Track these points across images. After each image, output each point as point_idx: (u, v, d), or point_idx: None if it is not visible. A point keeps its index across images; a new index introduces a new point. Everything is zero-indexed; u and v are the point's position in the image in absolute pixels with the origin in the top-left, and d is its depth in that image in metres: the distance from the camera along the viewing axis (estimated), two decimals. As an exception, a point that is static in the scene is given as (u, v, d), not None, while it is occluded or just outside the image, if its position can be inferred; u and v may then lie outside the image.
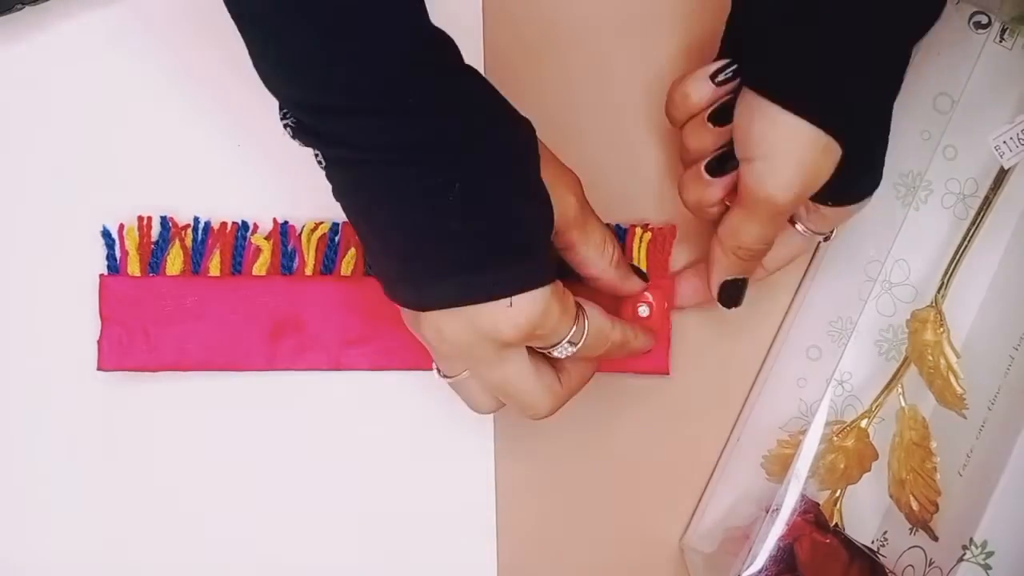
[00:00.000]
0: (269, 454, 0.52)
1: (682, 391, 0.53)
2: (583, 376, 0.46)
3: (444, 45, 0.39)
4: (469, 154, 0.39)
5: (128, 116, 0.51)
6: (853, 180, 0.44)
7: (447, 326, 0.40)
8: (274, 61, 0.38)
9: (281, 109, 0.40)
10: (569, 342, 0.43)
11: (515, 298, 0.40)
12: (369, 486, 0.52)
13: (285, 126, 0.40)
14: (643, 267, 0.51)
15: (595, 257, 0.45)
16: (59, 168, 0.51)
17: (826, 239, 0.48)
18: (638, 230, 0.51)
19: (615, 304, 0.49)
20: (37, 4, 0.50)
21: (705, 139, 0.45)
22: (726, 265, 0.47)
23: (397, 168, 0.38)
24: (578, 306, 0.43)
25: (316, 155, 0.40)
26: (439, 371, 0.45)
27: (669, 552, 0.53)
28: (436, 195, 0.38)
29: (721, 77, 0.44)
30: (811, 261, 0.52)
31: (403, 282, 0.41)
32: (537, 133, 0.42)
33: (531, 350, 0.43)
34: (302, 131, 0.39)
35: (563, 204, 0.42)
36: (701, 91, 0.45)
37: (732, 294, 0.48)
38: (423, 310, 0.41)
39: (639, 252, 0.51)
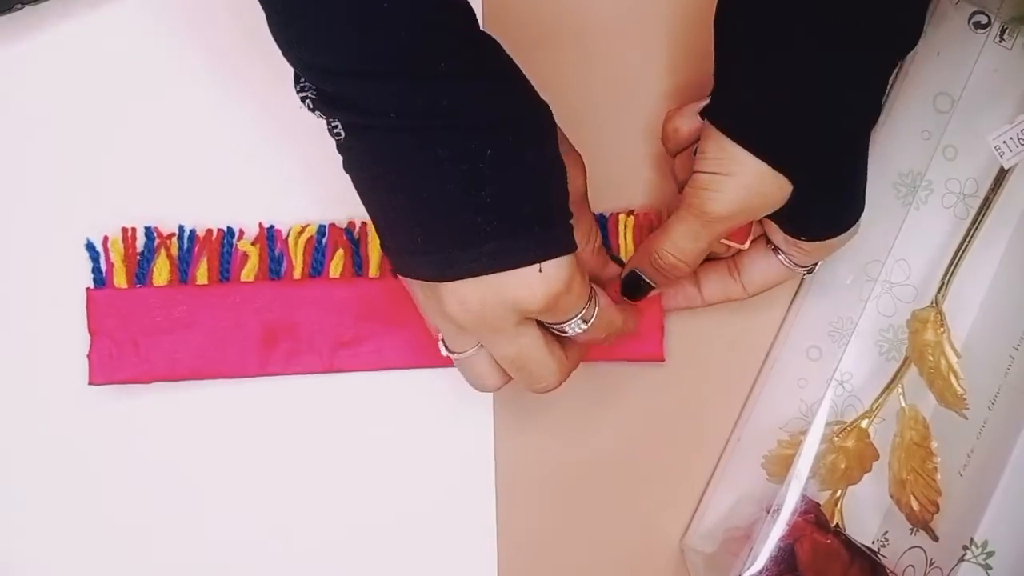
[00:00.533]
0: (265, 459, 0.52)
1: (682, 391, 0.53)
2: (579, 354, 0.46)
3: (465, 10, 0.39)
4: (498, 120, 0.38)
5: (116, 122, 0.50)
6: (827, 217, 0.45)
7: (471, 295, 0.40)
8: (296, 27, 0.37)
9: (298, 82, 0.39)
10: (582, 319, 0.43)
11: (544, 264, 0.39)
12: (368, 487, 0.52)
13: (303, 99, 0.39)
14: (630, 252, 0.51)
15: (582, 242, 0.45)
16: (46, 176, 0.50)
17: (809, 271, 0.49)
18: (621, 217, 0.51)
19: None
20: (37, 4, 0.50)
21: None
22: (640, 261, 0.47)
23: (423, 134, 0.37)
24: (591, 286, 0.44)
25: (333, 126, 0.39)
26: (446, 346, 0.44)
27: (670, 552, 0.53)
28: (467, 161, 0.38)
29: None
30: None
31: (426, 253, 0.40)
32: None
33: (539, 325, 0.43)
34: (321, 101, 0.38)
35: (571, 184, 0.42)
36: (690, 125, 0.46)
37: (631, 286, 0.48)
38: (446, 280, 0.40)
39: (625, 238, 0.51)
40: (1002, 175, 0.49)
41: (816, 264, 0.48)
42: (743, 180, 0.42)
